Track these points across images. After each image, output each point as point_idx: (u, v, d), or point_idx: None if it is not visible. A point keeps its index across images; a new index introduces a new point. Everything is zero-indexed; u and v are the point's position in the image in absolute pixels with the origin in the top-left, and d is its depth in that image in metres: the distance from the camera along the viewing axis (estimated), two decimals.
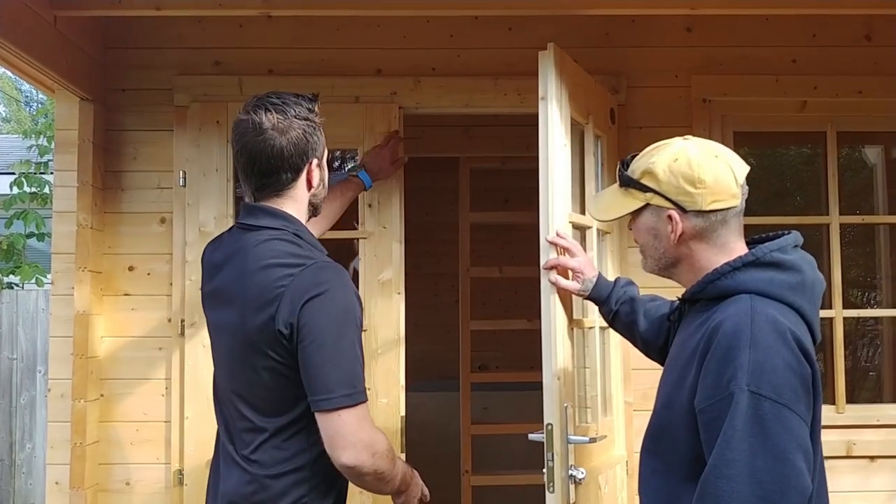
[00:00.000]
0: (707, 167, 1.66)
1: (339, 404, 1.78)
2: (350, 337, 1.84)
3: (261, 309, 1.85)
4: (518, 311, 5.61)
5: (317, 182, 2.00)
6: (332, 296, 1.83)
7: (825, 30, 3.32)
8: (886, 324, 4.49)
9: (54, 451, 3.11)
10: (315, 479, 1.88)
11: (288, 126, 1.91)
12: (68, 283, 3.12)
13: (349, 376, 1.81)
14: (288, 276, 1.84)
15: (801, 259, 1.65)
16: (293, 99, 1.96)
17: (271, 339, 1.84)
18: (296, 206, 1.98)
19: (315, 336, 1.80)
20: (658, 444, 1.66)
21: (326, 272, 1.87)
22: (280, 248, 1.90)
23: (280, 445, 1.88)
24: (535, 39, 3.31)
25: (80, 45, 3.11)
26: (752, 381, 1.48)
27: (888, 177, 4.22)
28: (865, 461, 3.22)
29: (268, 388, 1.88)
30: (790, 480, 1.45)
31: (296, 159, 1.93)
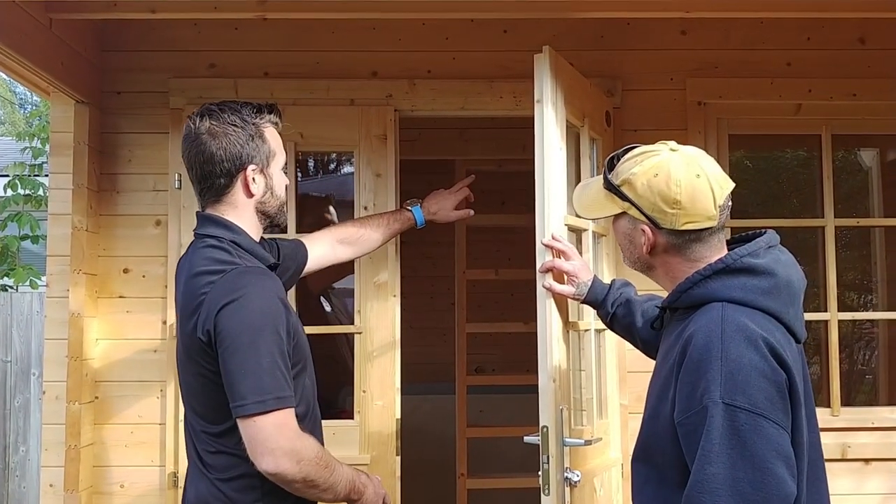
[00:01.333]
0: (686, 188, 1.62)
1: (251, 411, 1.78)
2: (266, 342, 1.81)
3: (188, 317, 1.89)
4: (514, 313, 5.59)
5: (259, 190, 1.99)
6: (248, 301, 1.82)
7: (819, 33, 3.33)
8: (882, 327, 4.50)
9: (48, 453, 3.10)
10: (268, 483, 1.86)
11: (221, 131, 1.95)
12: (63, 286, 3.11)
13: (262, 382, 1.79)
14: (209, 283, 1.87)
15: (773, 261, 1.63)
16: (234, 105, 1.99)
17: (197, 347, 1.87)
18: (237, 213, 1.99)
19: (228, 342, 1.80)
20: (648, 453, 1.66)
21: (245, 277, 1.87)
22: (210, 255, 1.93)
23: (230, 450, 1.89)
24: (531, 42, 3.31)
25: (75, 48, 3.11)
26: (726, 392, 1.47)
27: (883, 179, 4.24)
28: (860, 464, 3.22)
29: (206, 395, 1.91)
30: (772, 489, 1.45)
31: (227, 164, 1.95)
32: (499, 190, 5.64)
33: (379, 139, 3.25)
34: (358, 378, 3.19)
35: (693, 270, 1.66)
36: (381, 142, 3.25)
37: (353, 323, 3.24)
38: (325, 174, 7.52)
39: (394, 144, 3.26)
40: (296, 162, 3.34)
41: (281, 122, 2.09)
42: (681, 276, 1.68)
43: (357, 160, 3.28)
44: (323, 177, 7.54)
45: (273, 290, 1.89)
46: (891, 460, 3.21)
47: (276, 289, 1.91)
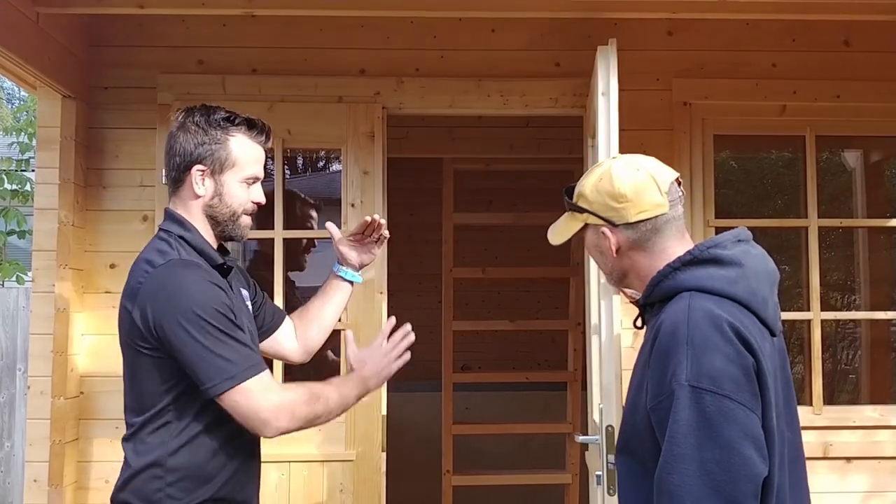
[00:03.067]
0: (627, 182, 1.72)
1: (223, 388, 1.87)
2: (213, 321, 1.88)
3: (126, 306, 1.95)
4: (501, 312, 5.63)
5: (206, 193, 2.02)
6: (184, 290, 1.89)
7: (805, 35, 3.36)
8: (864, 326, 4.54)
9: (33, 448, 3.09)
10: (174, 474, 1.93)
11: (184, 129, 2.03)
12: (49, 281, 3.11)
13: (224, 359, 1.87)
14: (145, 273, 1.93)
15: (742, 253, 1.68)
16: (209, 108, 2.05)
17: (136, 335, 1.92)
18: (185, 209, 2.04)
19: (178, 333, 1.87)
20: (630, 445, 1.69)
21: (178, 269, 1.93)
22: (154, 246, 1.99)
23: (144, 440, 1.96)
24: (518, 41, 3.34)
25: (62, 43, 3.10)
26: (691, 375, 1.51)
27: (867, 181, 4.28)
28: (842, 462, 3.25)
29: (134, 382, 1.98)
30: (739, 469, 1.48)
31: (178, 159, 2.02)
32: (486, 189, 5.67)
33: (367, 137, 3.26)
34: (344, 374, 3.19)
35: (659, 264, 1.71)
36: (369, 139, 3.26)
37: None
38: (314, 172, 7.53)
39: (381, 142, 3.27)
40: (283, 159, 3.34)
41: (266, 139, 2.11)
42: (650, 272, 1.73)
43: (345, 158, 3.29)
44: (311, 174, 7.54)
45: (207, 277, 1.94)
46: (872, 459, 3.25)
47: (211, 277, 1.95)
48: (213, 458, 1.96)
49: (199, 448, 1.94)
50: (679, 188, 1.76)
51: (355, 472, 3.15)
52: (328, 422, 2.04)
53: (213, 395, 1.88)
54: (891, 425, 3.28)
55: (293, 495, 3.14)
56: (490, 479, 4.83)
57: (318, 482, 3.14)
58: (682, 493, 1.48)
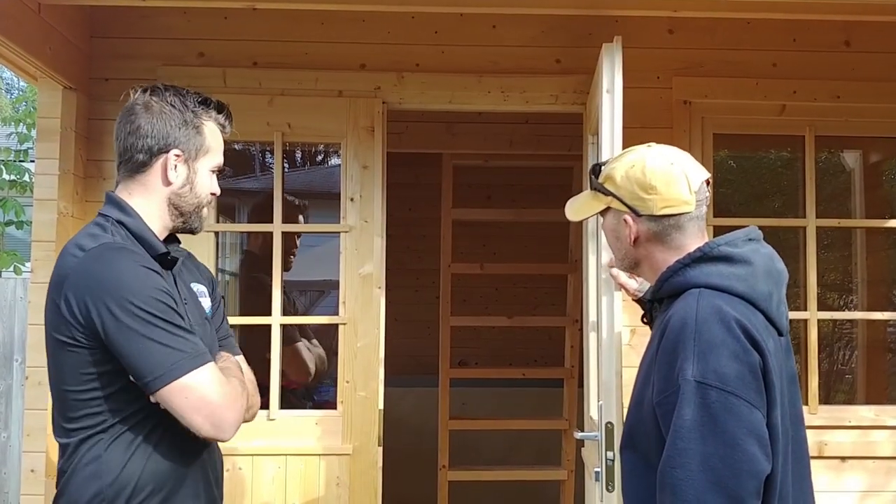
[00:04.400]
0: (660, 174, 1.71)
1: (165, 381, 1.69)
2: (147, 312, 1.70)
3: (53, 293, 1.77)
4: (498, 307, 5.64)
5: (178, 180, 1.86)
6: (117, 275, 1.71)
7: (805, 35, 3.36)
8: (861, 327, 4.55)
9: (31, 439, 3.10)
10: (112, 488, 1.75)
11: (157, 108, 1.85)
12: (48, 272, 3.07)
13: (164, 350, 1.69)
14: (74, 257, 1.76)
15: (752, 251, 1.69)
16: (180, 90, 1.90)
17: (61, 323, 1.74)
18: (146, 194, 1.86)
19: (114, 324, 1.69)
20: (634, 439, 1.69)
21: (108, 253, 1.75)
22: (86, 231, 1.82)
23: (77, 453, 1.78)
24: (519, 38, 3.34)
25: (64, 34, 3.10)
26: (698, 371, 1.52)
27: (865, 181, 4.29)
28: (837, 461, 3.26)
29: (60, 387, 1.79)
30: (743, 465, 1.49)
31: (150, 141, 1.83)
32: (485, 184, 5.68)
33: (366, 131, 3.26)
34: (342, 369, 3.21)
35: (673, 259, 1.71)
36: (369, 134, 3.26)
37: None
38: (312, 166, 7.53)
39: (381, 137, 3.27)
40: (283, 153, 3.34)
41: (229, 127, 1.97)
42: (664, 266, 1.73)
43: (344, 152, 3.30)
44: (310, 168, 7.55)
45: (140, 262, 1.76)
46: (867, 458, 3.26)
47: (146, 262, 1.78)
48: (158, 466, 1.77)
49: (140, 457, 1.75)
50: (707, 188, 1.76)
51: (352, 466, 3.16)
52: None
53: (154, 390, 1.69)
54: (886, 425, 3.29)
55: (290, 489, 3.14)
56: (486, 474, 4.84)
57: (315, 476, 3.15)
58: (684, 488, 1.49)
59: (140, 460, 1.75)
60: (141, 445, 1.76)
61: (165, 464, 1.77)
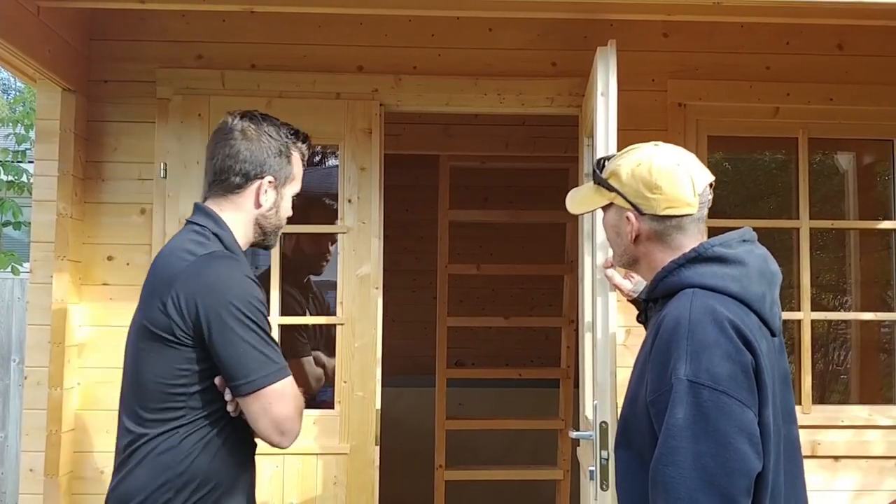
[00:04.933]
0: (665, 175, 1.72)
1: (259, 385, 1.85)
2: (253, 318, 1.87)
3: (155, 295, 1.91)
4: (495, 308, 5.67)
5: (267, 203, 2.04)
6: (228, 282, 1.88)
7: (798, 38, 3.39)
8: (855, 327, 4.58)
9: (29, 438, 3.12)
10: (182, 479, 1.90)
11: (255, 135, 2.02)
12: (47, 272, 3.13)
13: (261, 357, 1.86)
14: (184, 263, 1.90)
15: (746, 252, 1.71)
16: (275, 121, 2.07)
17: (160, 324, 1.88)
18: (237, 213, 2.03)
19: (216, 324, 1.84)
20: (628, 437, 1.71)
21: (219, 261, 1.91)
22: (191, 237, 1.97)
23: (152, 442, 1.91)
24: (515, 41, 3.37)
25: (63, 36, 3.12)
26: (691, 370, 1.55)
27: (859, 183, 4.32)
28: (830, 461, 3.29)
29: (145, 379, 1.92)
30: (734, 464, 1.51)
31: (248, 166, 2.01)
32: (482, 186, 5.70)
33: (364, 133, 3.29)
34: (339, 369, 3.23)
35: (671, 259, 1.73)
36: (367, 136, 3.29)
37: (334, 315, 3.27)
38: (310, 167, 7.54)
39: (379, 138, 3.30)
40: None
41: (307, 156, 2.16)
42: (661, 265, 1.75)
43: (342, 153, 3.32)
44: (307, 169, 7.56)
45: (245, 272, 1.93)
46: (860, 458, 3.29)
47: (248, 271, 1.95)
48: (222, 464, 1.91)
49: (208, 453, 1.89)
50: (710, 191, 1.77)
51: (349, 465, 3.18)
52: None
53: (244, 393, 1.84)
54: (879, 425, 3.32)
55: (287, 487, 3.17)
56: (482, 473, 4.86)
57: (313, 475, 3.18)
58: (676, 486, 1.51)
59: (207, 457, 1.90)
60: (211, 443, 1.90)
61: (227, 463, 1.93)
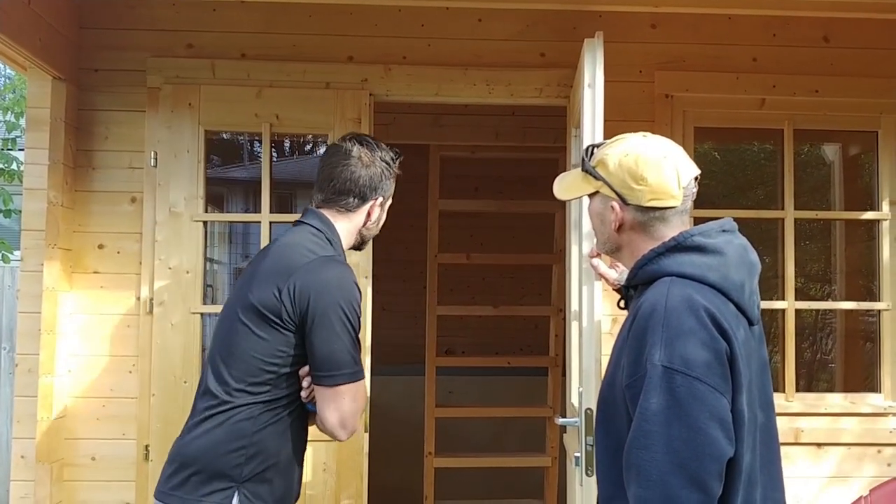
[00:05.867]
0: (652, 167, 1.74)
1: (343, 380, 2.08)
2: (353, 321, 2.10)
3: (269, 280, 2.10)
4: (485, 297, 5.70)
5: (375, 218, 2.31)
6: (341, 285, 2.09)
7: (785, 30, 3.42)
8: (840, 317, 4.63)
9: (20, 425, 3.14)
10: (254, 447, 2.10)
11: (371, 161, 2.27)
12: (38, 260, 3.14)
13: (351, 356, 2.09)
14: (306, 258, 2.12)
15: (725, 242, 1.73)
16: (384, 145, 2.32)
17: (271, 306, 2.07)
18: (348, 226, 2.27)
19: (323, 319, 2.06)
20: (606, 420, 1.74)
21: (339, 265, 2.15)
22: (313, 238, 2.19)
23: (235, 408, 2.11)
24: (504, 31, 3.39)
25: (53, 25, 3.13)
26: (665, 356, 1.57)
27: (844, 174, 4.36)
28: (813, 447, 3.34)
29: (240, 352, 2.10)
30: (705, 448, 1.54)
31: (367, 190, 2.26)
32: (472, 176, 5.72)
33: (354, 123, 3.31)
34: None
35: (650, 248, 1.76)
36: (356, 125, 3.30)
37: None
38: (301, 155, 7.56)
39: (368, 128, 3.31)
40: (271, 143, 3.38)
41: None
42: (642, 254, 1.77)
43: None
44: (298, 158, 7.57)
45: (354, 280, 2.15)
46: (841, 445, 3.34)
47: (355, 279, 2.17)
48: (286, 443, 2.11)
49: (278, 429, 2.09)
50: (695, 185, 1.79)
51: (338, 452, 3.21)
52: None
53: (328, 384, 2.06)
54: (859, 412, 3.38)
55: None
56: (471, 461, 4.90)
57: None
58: (648, 469, 1.54)
59: (277, 433, 2.10)
60: (281, 421, 2.11)
61: (291, 441, 2.14)
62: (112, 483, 3.22)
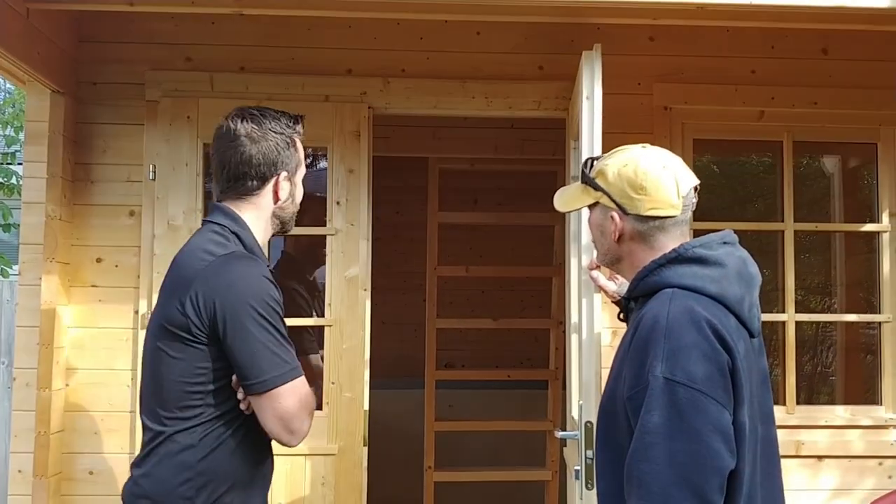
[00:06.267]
0: (651, 176, 1.75)
1: (273, 385, 1.89)
2: (266, 320, 1.90)
3: (173, 294, 1.94)
4: (484, 310, 5.68)
5: (284, 195, 2.08)
6: (245, 282, 1.90)
7: (783, 42, 3.43)
8: (841, 329, 4.62)
9: (18, 439, 3.13)
10: (203, 477, 1.94)
11: (261, 136, 2.03)
12: (36, 274, 3.14)
13: (275, 357, 1.89)
14: (203, 262, 1.93)
15: (726, 254, 1.73)
16: (273, 113, 2.08)
17: (178, 322, 1.91)
18: (256, 212, 2.06)
19: (233, 325, 1.88)
20: (606, 433, 1.74)
21: (239, 261, 1.94)
22: (210, 238, 2.00)
23: (173, 440, 1.95)
24: (502, 44, 3.40)
25: (52, 38, 3.13)
26: (667, 368, 1.57)
27: (844, 186, 4.36)
28: (813, 460, 3.33)
29: (162, 378, 1.95)
30: (707, 461, 1.53)
31: (264, 168, 2.04)
32: (471, 188, 5.72)
33: (352, 135, 3.31)
34: (328, 370, 3.25)
35: (651, 260, 1.76)
36: (355, 138, 3.31)
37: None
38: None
39: (367, 141, 3.32)
40: None
41: (303, 134, 2.17)
42: (642, 265, 1.77)
43: (330, 156, 3.34)
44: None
45: (263, 273, 1.96)
46: (842, 457, 3.32)
47: (266, 272, 1.98)
48: (240, 462, 1.95)
49: (225, 451, 1.93)
50: (694, 195, 1.80)
51: (337, 466, 3.20)
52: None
53: (256, 392, 1.88)
54: (860, 425, 3.36)
55: (275, 488, 3.15)
56: (471, 475, 4.87)
57: (301, 475, 3.19)
58: (650, 482, 1.54)
59: (225, 454, 1.93)
60: (228, 441, 1.94)
61: (244, 461, 1.96)
62: (110, 497, 3.19)
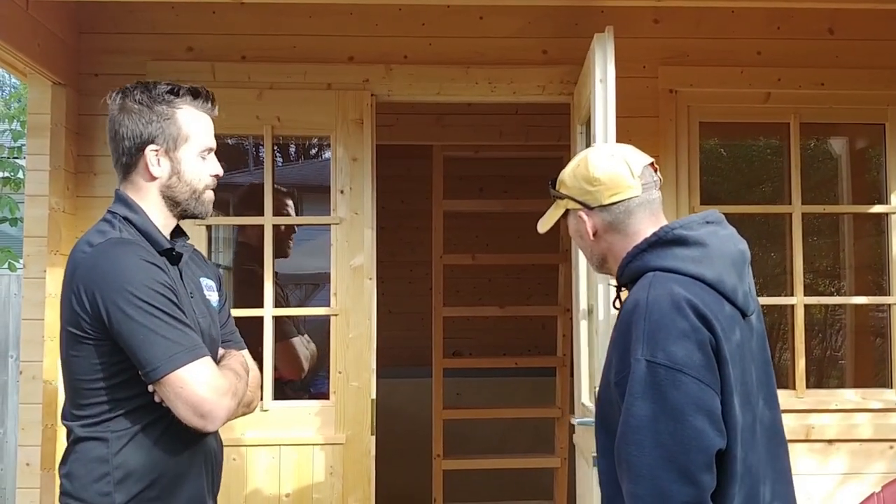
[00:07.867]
0: (600, 166, 1.79)
1: (164, 371, 1.78)
2: (148, 304, 1.79)
3: (66, 289, 1.87)
4: (491, 298, 5.67)
5: (162, 173, 1.93)
6: (120, 268, 1.80)
7: (789, 23, 3.39)
8: (850, 312, 4.60)
9: (26, 432, 3.13)
10: (119, 471, 1.85)
11: (128, 110, 1.92)
12: (40, 266, 3.13)
13: (163, 341, 1.78)
14: (82, 253, 1.85)
15: (709, 234, 1.72)
16: (148, 84, 1.95)
17: (73, 319, 1.83)
18: (139, 194, 1.94)
19: (115, 314, 1.78)
20: (605, 422, 1.74)
21: (115, 247, 1.84)
22: (96, 227, 1.92)
23: (85, 437, 1.88)
24: (506, 29, 3.37)
25: (52, 30, 3.12)
26: (648, 350, 1.58)
27: (852, 168, 4.32)
28: (823, 444, 3.31)
29: (70, 376, 1.88)
30: (692, 441, 1.54)
31: (128, 143, 1.92)
32: (476, 176, 5.70)
33: (355, 123, 3.29)
34: (334, 359, 3.24)
35: (632, 246, 1.77)
36: (358, 126, 3.29)
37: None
38: (307, 159, 7.55)
39: (370, 129, 3.30)
40: (274, 146, 3.37)
41: (212, 108, 2.00)
42: (624, 254, 1.79)
43: (333, 144, 3.32)
44: (303, 162, 7.57)
45: (143, 256, 1.85)
46: (852, 441, 3.31)
47: (149, 256, 1.86)
48: (162, 455, 1.85)
49: (143, 444, 1.84)
50: (655, 173, 1.81)
51: (345, 455, 3.19)
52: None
53: (153, 380, 1.78)
54: (870, 408, 3.34)
55: (284, 478, 3.18)
56: (480, 463, 4.87)
57: (309, 465, 3.19)
58: (638, 463, 1.55)
59: (143, 448, 1.84)
60: (144, 434, 1.84)
61: (167, 452, 1.86)
62: None
